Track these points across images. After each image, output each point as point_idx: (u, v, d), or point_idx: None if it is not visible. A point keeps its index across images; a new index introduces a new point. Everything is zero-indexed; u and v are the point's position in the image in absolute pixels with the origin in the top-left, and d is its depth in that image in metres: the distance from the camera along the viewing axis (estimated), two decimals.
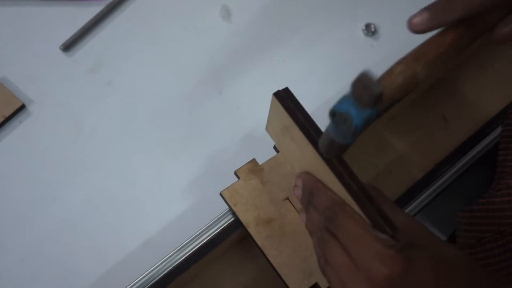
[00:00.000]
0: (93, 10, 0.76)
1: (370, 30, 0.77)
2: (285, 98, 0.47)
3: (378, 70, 0.68)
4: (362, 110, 0.38)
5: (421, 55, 0.42)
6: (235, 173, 0.60)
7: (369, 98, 0.36)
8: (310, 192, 0.49)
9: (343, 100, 0.38)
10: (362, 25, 0.78)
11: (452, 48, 0.42)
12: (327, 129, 0.41)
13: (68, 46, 0.74)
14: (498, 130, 0.68)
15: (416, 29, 0.43)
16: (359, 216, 0.43)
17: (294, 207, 0.59)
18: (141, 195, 0.69)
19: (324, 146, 0.43)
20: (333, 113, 0.39)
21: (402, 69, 0.41)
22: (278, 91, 0.47)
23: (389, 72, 0.42)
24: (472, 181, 0.69)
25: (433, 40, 0.43)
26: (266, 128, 0.56)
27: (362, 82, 0.36)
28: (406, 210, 0.65)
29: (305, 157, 0.49)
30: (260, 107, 0.60)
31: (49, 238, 0.66)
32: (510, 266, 0.55)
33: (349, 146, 0.41)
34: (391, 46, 0.77)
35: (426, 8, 0.42)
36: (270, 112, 0.53)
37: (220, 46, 0.77)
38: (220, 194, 0.59)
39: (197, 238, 0.61)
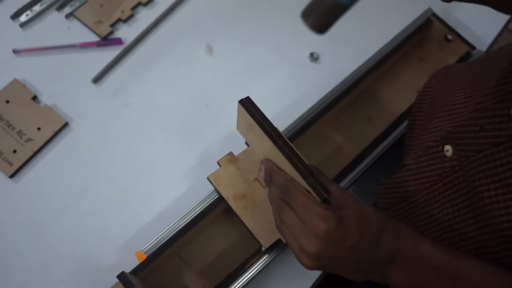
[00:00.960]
0: (114, 52, 0.78)
1: (313, 57, 0.79)
2: (247, 103, 0.49)
3: (321, 87, 0.73)
4: None
5: None
6: (218, 163, 0.62)
7: None
8: (270, 174, 0.50)
9: None
10: (307, 53, 0.80)
11: None
12: None
13: (97, 79, 0.76)
14: (405, 123, 0.70)
15: None
16: (305, 189, 0.45)
17: (261, 185, 0.61)
18: (153, 182, 0.70)
19: (326, 8, 0.35)
20: None
21: None
22: (242, 99, 0.49)
23: None
24: (389, 161, 0.70)
25: None
26: (237, 128, 0.57)
27: None
28: (342, 184, 0.66)
29: (265, 147, 0.50)
30: (235, 115, 0.63)
31: (88, 215, 0.68)
32: (410, 221, 0.56)
33: (346, 9, 0.35)
34: (330, 69, 0.79)
35: None
36: (238, 115, 0.53)
37: (206, 74, 0.78)
38: (208, 178, 0.61)
39: (193, 210, 0.62)
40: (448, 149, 0.50)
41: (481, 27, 0.83)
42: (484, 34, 0.82)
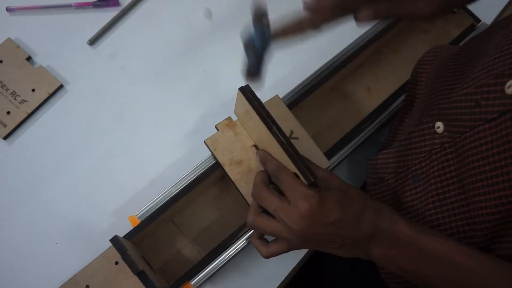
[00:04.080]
0: (111, 14, 0.76)
1: None
2: (246, 91, 0.53)
3: (321, 54, 0.71)
4: (256, 28, 0.46)
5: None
6: (215, 127, 0.61)
7: (255, 15, 0.45)
8: (263, 162, 0.54)
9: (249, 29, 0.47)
10: None
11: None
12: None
13: (93, 41, 0.75)
14: (403, 96, 0.69)
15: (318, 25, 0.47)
16: (294, 173, 0.49)
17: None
18: (148, 146, 0.69)
19: (251, 64, 0.49)
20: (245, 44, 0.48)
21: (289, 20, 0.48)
22: (242, 87, 0.53)
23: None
24: (385, 135, 0.70)
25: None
26: (234, 111, 0.60)
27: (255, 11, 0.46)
28: (339, 155, 0.65)
29: (260, 132, 0.55)
30: (234, 81, 0.62)
31: (82, 179, 0.67)
32: (398, 197, 0.56)
33: (263, 55, 0.48)
34: (331, 36, 0.71)
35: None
36: (236, 100, 0.57)
37: (204, 38, 0.77)
38: (204, 142, 0.60)
39: (187, 176, 0.62)
40: (440, 125, 0.50)
41: None
42: (490, 6, 0.80)
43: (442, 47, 0.67)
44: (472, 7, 0.75)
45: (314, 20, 0.47)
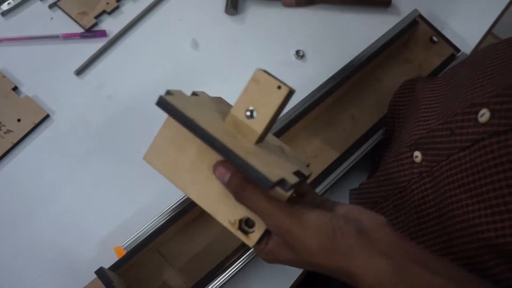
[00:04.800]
0: (98, 45, 0.77)
1: (299, 55, 0.79)
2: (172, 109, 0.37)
3: (306, 85, 0.72)
4: None
5: None
6: None
7: None
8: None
9: None
10: (293, 51, 0.79)
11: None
12: None
13: (80, 71, 0.75)
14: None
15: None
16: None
17: None
18: (135, 177, 0.68)
19: None
20: None
21: None
22: (162, 100, 0.37)
23: None
24: (369, 164, 0.70)
25: None
26: (147, 158, 0.44)
27: None
28: (324, 183, 0.65)
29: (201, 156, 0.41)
30: None
31: (67, 209, 0.66)
32: None
33: None
34: (315, 67, 0.79)
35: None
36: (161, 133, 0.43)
37: (191, 68, 0.77)
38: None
39: (174, 206, 0.62)
40: (418, 155, 0.50)
41: (466, 30, 0.84)
42: (469, 37, 0.83)
43: (417, 79, 0.68)
44: (452, 38, 0.77)
45: None
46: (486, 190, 0.39)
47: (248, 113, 0.41)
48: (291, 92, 0.40)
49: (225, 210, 0.41)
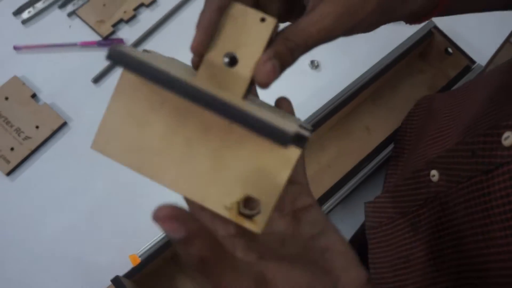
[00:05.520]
0: None
1: (314, 65, 0.79)
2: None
3: (321, 93, 0.73)
4: None
5: None
6: None
7: None
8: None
9: None
10: (308, 61, 0.80)
11: None
12: None
13: (97, 79, 0.76)
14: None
15: (270, 80, 0.31)
16: None
17: None
18: (151, 184, 0.69)
19: None
20: None
21: None
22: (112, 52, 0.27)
23: None
24: (381, 178, 0.69)
25: None
26: (95, 145, 0.32)
27: None
28: (337, 196, 0.65)
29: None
30: None
31: (84, 216, 0.67)
32: (396, 244, 0.55)
33: None
34: (330, 77, 0.79)
35: (274, 58, 0.31)
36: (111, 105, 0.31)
37: None
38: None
39: None
40: (435, 174, 0.49)
41: (482, 40, 0.83)
42: (485, 48, 0.82)
43: (432, 96, 0.68)
44: (467, 48, 0.77)
45: None
46: None
47: (226, 60, 0.32)
48: (277, 25, 0.32)
49: (216, 193, 0.30)
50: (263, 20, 0.31)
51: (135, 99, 0.30)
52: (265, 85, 0.31)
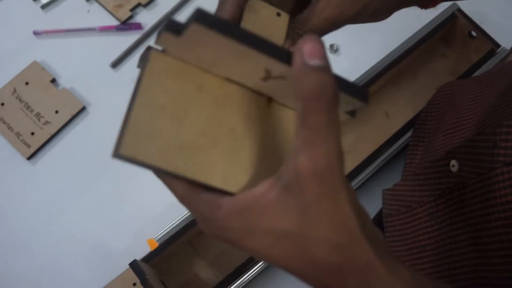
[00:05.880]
0: (133, 37, 0.77)
1: (333, 49, 0.78)
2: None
3: None
4: None
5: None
6: None
7: None
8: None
9: None
10: (327, 45, 0.78)
11: None
12: None
13: (116, 64, 0.76)
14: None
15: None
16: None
17: None
18: None
19: None
20: None
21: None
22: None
23: None
24: (401, 164, 0.68)
25: None
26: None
27: None
28: (355, 182, 0.65)
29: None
30: None
31: (103, 200, 0.68)
32: (413, 233, 0.54)
33: None
34: (349, 61, 0.78)
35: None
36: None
37: None
38: None
39: None
40: (454, 164, 0.48)
41: (508, 23, 0.80)
42: (511, 31, 0.80)
43: (453, 82, 0.66)
44: (493, 32, 0.74)
45: None
46: None
47: None
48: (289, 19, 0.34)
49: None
50: (278, 14, 0.33)
51: (167, 90, 0.27)
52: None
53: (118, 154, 0.26)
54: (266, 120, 0.30)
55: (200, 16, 0.24)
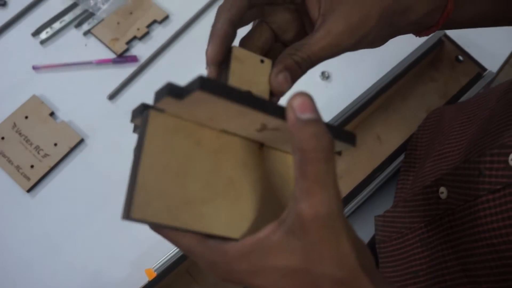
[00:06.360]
0: (130, 70, 0.79)
1: (324, 76, 0.79)
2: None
3: (331, 103, 0.73)
4: None
5: None
6: None
7: None
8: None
9: None
10: (319, 72, 0.80)
11: None
12: None
13: (113, 96, 0.77)
14: None
15: (284, 89, 0.35)
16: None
17: None
18: None
19: None
20: None
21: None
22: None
23: None
24: (391, 191, 0.69)
25: None
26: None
27: None
28: (348, 207, 0.66)
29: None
30: None
31: (102, 231, 0.69)
32: (406, 259, 0.55)
33: None
34: (341, 88, 0.79)
35: (284, 70, 0.34)
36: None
37: None
38: None
39: None
40: (443, 191, 0.49)
41: (494, 46, 0.82)
42: (496, 55, 0.82)
43: (443, 108, 0.67)
44: (478, 55, 0.76)
45: None
46: None
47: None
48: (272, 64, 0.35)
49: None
50: (262, 61, 0.35)
51: (168, 148, 0.29)
52: (281, 93, 0.35)
53: (129, 217, 0.28)
54: (259, 164, 0.32)
55: (203, 83, 0.26)
